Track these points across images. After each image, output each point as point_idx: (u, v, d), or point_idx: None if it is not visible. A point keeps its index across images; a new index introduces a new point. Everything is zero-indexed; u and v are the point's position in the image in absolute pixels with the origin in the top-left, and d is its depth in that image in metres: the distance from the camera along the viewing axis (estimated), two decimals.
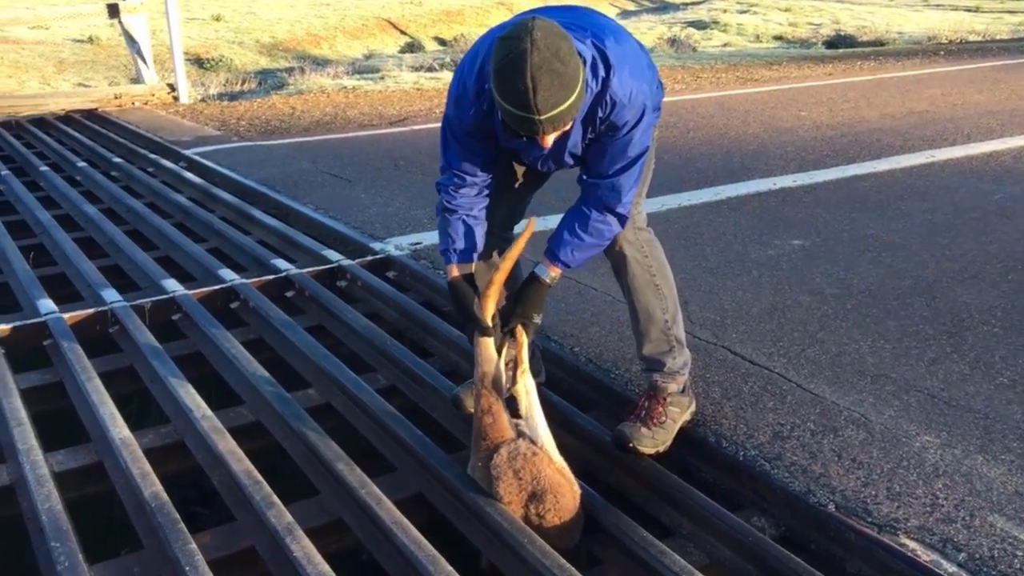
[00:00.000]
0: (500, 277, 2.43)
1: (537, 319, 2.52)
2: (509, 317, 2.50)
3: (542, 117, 2.00)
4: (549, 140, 2.13)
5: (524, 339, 2.47)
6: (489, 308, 2.43)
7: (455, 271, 2.48)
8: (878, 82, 10.16)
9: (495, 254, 2.62)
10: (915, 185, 5.51)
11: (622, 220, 2.42)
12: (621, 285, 2.63)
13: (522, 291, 2.50)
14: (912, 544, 2.15)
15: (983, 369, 3.03)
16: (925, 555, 2.11)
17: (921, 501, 2.31)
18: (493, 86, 2.04)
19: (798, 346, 3.23)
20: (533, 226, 2.50)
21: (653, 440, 2.54)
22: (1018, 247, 4.30)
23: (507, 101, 2.01)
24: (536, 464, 2.26)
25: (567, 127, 2.12)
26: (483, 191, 2.46)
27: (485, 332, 2.43)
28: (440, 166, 2.46)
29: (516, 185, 2.64)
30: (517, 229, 2.69)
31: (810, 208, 5.03)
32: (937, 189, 5.40)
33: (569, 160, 2.40)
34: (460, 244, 2.47)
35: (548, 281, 2.49)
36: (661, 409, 2.58)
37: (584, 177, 2.39)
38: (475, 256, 2.50)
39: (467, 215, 2.46)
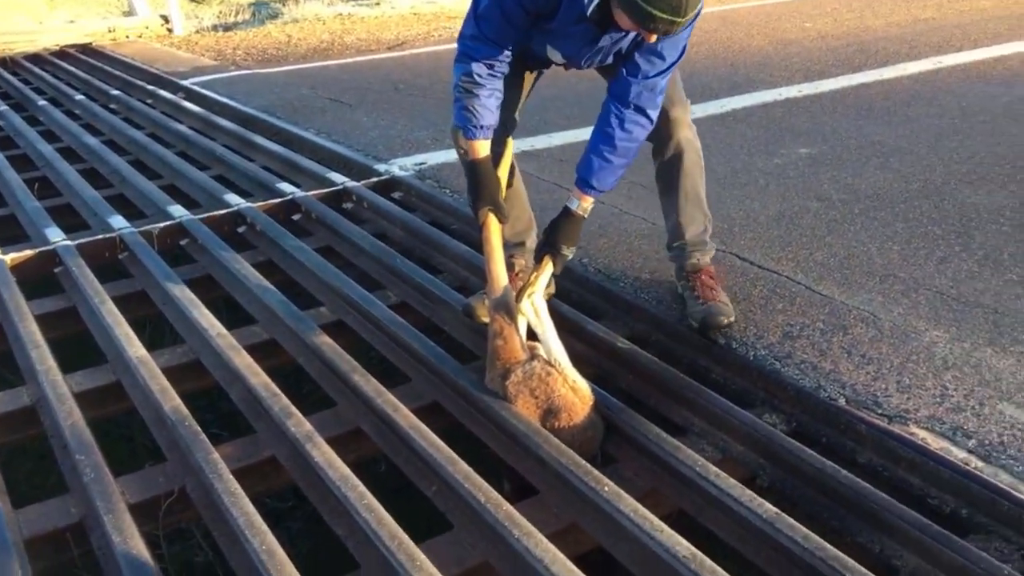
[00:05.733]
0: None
1: (568, 252, 2.53)
2: (540, 249, 2.53)
3: (683, 20, 1.99)
4: (654, 38, 2.12)
5: (549, 269, 2.50)
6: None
7: (483, 150, 2.43)
8: None
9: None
10: (922, 91, 5.43)
11: (651, 123, 2.44)
12: (666, 180, 2.71)
13: (556, 225, 2.51)
14: (922, 433, 2.17)
15: (992, 267, 3.04)
16: (935, 443, 2.14)
17: (931, 393, 2.34)
18: None
19: (806, 250, 3.23)
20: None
21: (729, 307, 2.67)
22: None
23: (653, 3, 1.96)
24: (549, 384, 2.30)
25: None
26: (503, 73, 2.41)
27: (502, 217, 2.47)
28: (468, 38, 2.36)
29: (519, 87, 2.64)
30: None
31: (816, 117, 4.97)
32: (944, 94, 5.33)
33: (610, 59, 2.43)
34: (489, 120, 2.40)
35: (581, 213, 2.52)
36: (712, 280, 2.73)
37: (624, 74, 2.37)
38: (491, 134, 2.44)
39: (496, 90, 2.39)
